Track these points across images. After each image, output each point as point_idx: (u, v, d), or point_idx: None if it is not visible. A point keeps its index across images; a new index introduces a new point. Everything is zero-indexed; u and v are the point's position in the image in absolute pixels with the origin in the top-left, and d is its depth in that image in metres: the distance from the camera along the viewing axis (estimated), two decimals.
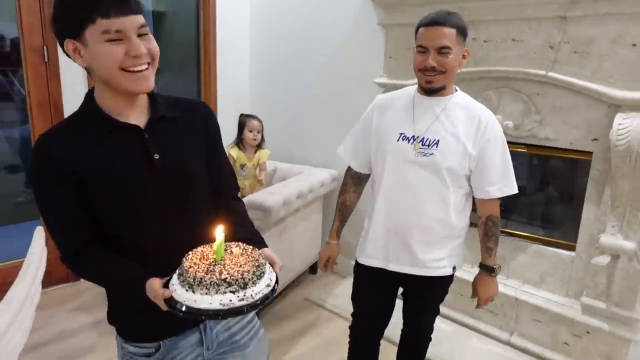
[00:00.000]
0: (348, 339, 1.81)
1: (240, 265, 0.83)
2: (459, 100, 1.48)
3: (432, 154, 1.43)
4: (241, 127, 2.83)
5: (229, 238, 0.92)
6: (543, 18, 2.10)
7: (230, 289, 0.80)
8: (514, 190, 1.51)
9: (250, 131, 2.79)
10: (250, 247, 0.91)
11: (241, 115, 2.86)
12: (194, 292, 0.81)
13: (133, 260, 0.98)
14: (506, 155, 1.49)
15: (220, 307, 0.80)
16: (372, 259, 1.61)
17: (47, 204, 0.97)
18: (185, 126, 1.06)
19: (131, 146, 0.97)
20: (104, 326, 1.29)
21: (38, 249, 0.78)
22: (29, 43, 2.48)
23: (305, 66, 3.19)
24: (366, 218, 1.67)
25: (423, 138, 1.44)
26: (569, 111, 2.13)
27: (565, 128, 2.15)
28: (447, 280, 1.61)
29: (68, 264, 1.01)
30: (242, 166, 2.77)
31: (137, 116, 0.99)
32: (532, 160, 2.48)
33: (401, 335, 1.79)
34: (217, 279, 0.80)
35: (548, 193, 2.55)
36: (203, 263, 0.84)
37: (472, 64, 2.33)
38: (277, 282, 0.89)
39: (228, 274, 0.81)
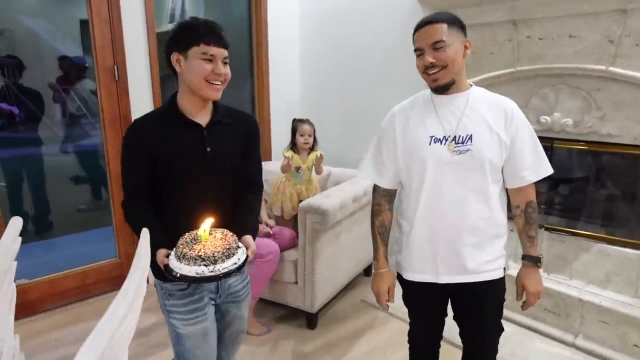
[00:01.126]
0: (407, 343, 1.79)
1: (215, 247, 1.12)
2: (479, 94, 1.45)
3: (468, 149, 1.39)
4: (294, 131, 2.92)
5: (231, 219, 1.33)
6: (600, 12, 2.06)
7: (203, 263, 1.10)
8: (549, 171, 1.45)
9: (302, 135, 2.88)
10: (230, 233, 1.21)
11: (294, 120, 2.95)
12: (181, 262, 1.12)
13: (175, 214, 1.34)
14: (535, 138, 1.45)
15: (196, 275, 1.10)
16: (421, 274, 1.52)
17: (128, 165, 1.37)
18: (234, 131, 1.43)
19: (193, 138, 1.35)
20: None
21: (145, 245, 0.89)
22: (102, 63, 2.69)
23: (355, 71, 3.26)
24: (397, 231, 1.60)
25: (455, 136, 1.40)
26: (632, 106, 2.07)
27: (629, 123, 2.09)
28: (500, 284, 1.52)
29: (124, 208, 1.39)
30: (297, 169, 2.86)
31: (202, 117, 1.38)
32: (592, 157, 2.42)
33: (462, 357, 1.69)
34: (195, 254, 1.10)
35: (610, 191, 2.47)
36: (190, 242, 1.13)
37: (528, 61, 2.31)
38: (245, 261, 1.19)
39: (203, 252, 1.10)
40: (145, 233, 0.92)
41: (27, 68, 3.19)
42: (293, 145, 2.92)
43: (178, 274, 1.11)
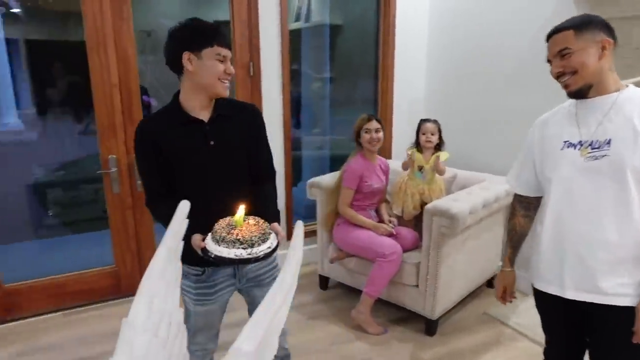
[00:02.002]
0: None
1: (251, 232, 1.18)
2: (631, 95, 1.31)
3: (604, 155, 1.28)
4: (417, 130, 2.83)
5: (252, 208, 1.30)
6: None
7: (242, 246, 1.16)
8: None
9: (424, 134, 2.77)
10: (262, 220, 1.25)
11: (421, 120, 2.86)
12: (219, 245, 1.17)
13: (191, 211, 1.35)
14: None
15: (235, 257, 1.16)
16: (548, 285, 1.44)
17: (142, 164, 1.46)
18: (236, 122, 1.48)
19: (196, 133, 1.42)
20: None
21: (300, 238, 0.90)
22: (239, 60, 2.85)
23: (487, 72, 3.06)
24: (533, 233, 1.53)
25: (592, 141, 1.31)
26: None
27: None
28: (631, 313, 1.31)
29: (148, 206, 1.48)
30: (420, 168, 2.76)
31: (204, 113, 1.44)
32: None
33: None
34: (234, 238, 1.16)
35: None
36: (227, 227, 1.19)
37: None
38: (277, 246, 1.24)
39: (242, 236, 1.16)
40: (299, 225, 0.94)
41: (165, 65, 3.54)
42: (417, 145, 2.84)
43: (213, 255, 1.18)
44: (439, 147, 2.80)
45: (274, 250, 1.23)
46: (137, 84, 2.63)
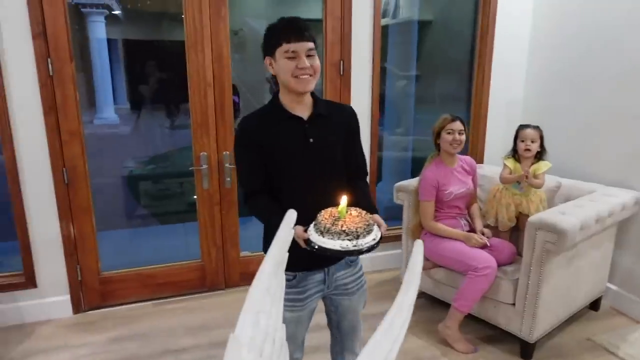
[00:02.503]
0: None
1: (356, 223, 1.16)
2: None
3: None
4: (515, 137, 2.60)
5: (351, 204, 1.26)
6: None
7: (347, 237, 1.14)
8: None
9: (523, 141, 2.54)
10: (365, 211, 1.24)
11: (519, 125, 2.63)
12: (323, 236, 1.16)
13: (288, 204, 1.27)
14: None
15: (340, 249, 1.14)
16: None
17: (242, 160, 1.47)
18: (334, 122, 1.49)
19: (296, 131, 1.42)
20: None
21: (419, 259, 0.82)
22: (330, 59, 2.80)
23: (596, 69, 2.75)
24: None
25: None
26: None
27: None
28: None
29: (246, 202, 1.47)
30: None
31: (302, 111, 1.45)
32: None
33: None
34: (339, 229, 1.14)
35: None
36: (331, 218, 1.18)
37: None
38: (381, 238, 1.21)
39: (347, 227, 1.15)
40: (418, 245, 0.85)
41: (251, 62, 3.57)
42: (514, 153, 2.61)
43: (317, 246, 1.17)
44: (539, 155, 2.56)
45: (378, 242, 1.20)
46: (230, 83, 2.66)
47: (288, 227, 0.97)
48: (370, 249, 1.17)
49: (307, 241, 1.21)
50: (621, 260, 2.68)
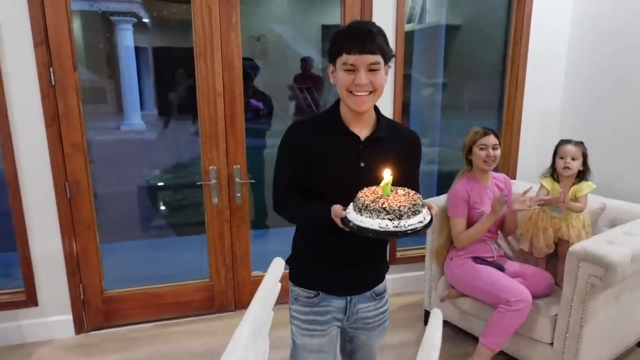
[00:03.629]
0: None
1: (400, 202, 1.05)
2: None
3: None
4: (554, 153, 2.34)
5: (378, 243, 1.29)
6: None
7: (388, 216, 1.02)
8: None
9: (562, 158, 2.27)
10: (413, 192, 1.13)
11: (560, 140, 2.37)
12: (361, 214, 1.05)
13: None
14: None
15: (379, 228, 1.02)
16: None
17: (283, 165, 1.33)
18: (394, 148, 1.31)
19: (349, 149, 1.28)
20: None
21: (437, 326, 0.62)
22: None
23: None
24: None
25: None
26: None
27: None
28: None
29: (277, 205, 1.36)
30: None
31: (361, 128, 1.30)
32: None
33: None
34: (379, 207, 1.03)
35: None
36: (372, 195, 1.08)
37: None
38: (430, 222, 1.09)
39: (388, 205, 1.03)
40: (437, 315, 0.66)
41: (273, 68, 3.47)
42: (553, 171, 2.34)
43: (353, 225, 1.06)
44: (582, 175, 2.29)
45: (427, 226, 1.07)
46: (241, 93, 2.50)
47: (273, 280, 0.78)
48: (415, 231, 1.04)
49: (345, 220, 1.10)
50: None
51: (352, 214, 1.09)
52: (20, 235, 2.33)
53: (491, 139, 2.22)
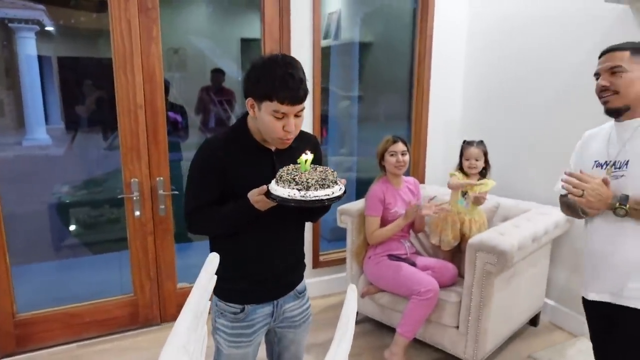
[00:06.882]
0: None
1: (311, 175, 1.17)
2: None
3: (622, 175, 1.40)
4: (460, 153, 2.63)
5: (300, 243, 1.48)
6: None
7: (297, 187, 1.14)
8: None
9: (467, 159, 2.57)
10: (332, 170, 1.23)
11: (463, 142, 2.66)
12: (277, 184, 1.18)
13: (246, 236, 1.37)
14: None
15: (287, 196, 1.15)
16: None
17: (197, 181, 1.36)
18: (300, 150, 1.33)
19: (264, 164, 1.36)
20: None
21: (353, 304, 0.75)
22: None
23: (531, 90, 2.86)
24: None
25: (614, 161, 1.43)
26: None
27: None
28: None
29: (191, 225, 1.40)
30: (464, 194, 2.55)
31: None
32: None
33: None
34: (290, 178, 1.16)
35: None
36: (291, 170, 1.20)
37: None
38: (340, 196, 1.20)
39: (298, 177, 1.16)
40: (352, 290, 0.79)
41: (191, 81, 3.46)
42: (460, 170, 2.63)
43: (276, 197, 1.16)
44: (484, 172, 2.60)
45: (333, 199, 1.17)
46: (163, 105, 2.52)
47: (210, 272, 0.87)
48: (319, 202, 1.15)
49: (268, 192, 1.21)
50: (556, 276, 2.77)
51: (272, 184, 1.21)
52: None
53: (400, 146, 2.45)
